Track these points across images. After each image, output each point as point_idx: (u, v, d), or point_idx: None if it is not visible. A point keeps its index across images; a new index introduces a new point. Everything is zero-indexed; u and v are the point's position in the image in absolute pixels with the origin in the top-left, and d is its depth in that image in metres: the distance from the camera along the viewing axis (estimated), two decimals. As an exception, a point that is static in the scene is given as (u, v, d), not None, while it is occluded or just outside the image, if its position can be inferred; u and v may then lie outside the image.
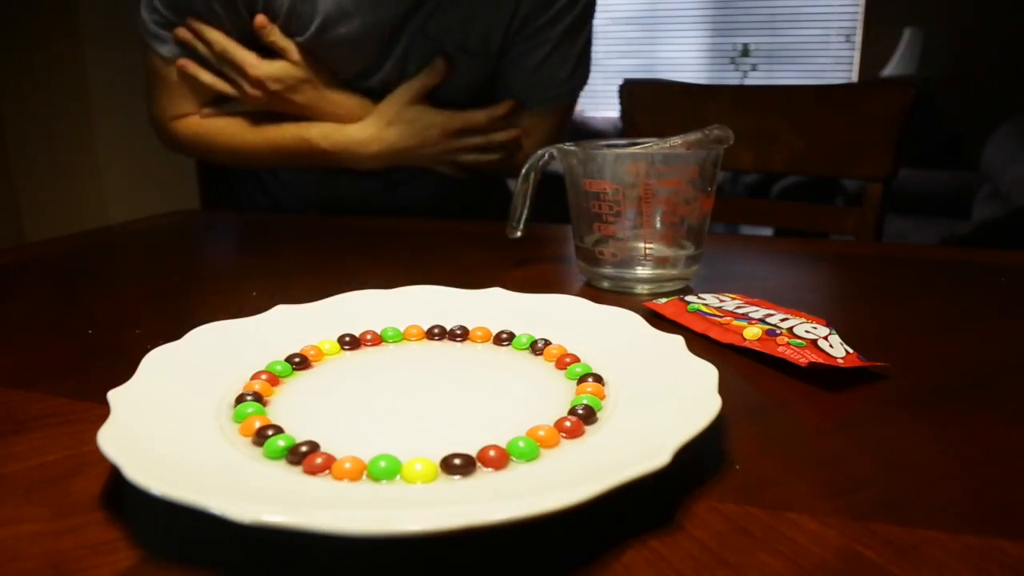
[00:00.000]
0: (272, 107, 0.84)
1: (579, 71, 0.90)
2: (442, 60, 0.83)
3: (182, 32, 0.81)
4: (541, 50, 0.86)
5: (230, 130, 0.87)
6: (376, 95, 0.85)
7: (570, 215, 0.57)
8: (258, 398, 0.33)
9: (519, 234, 0.60)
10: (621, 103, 1.17)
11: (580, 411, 0.32)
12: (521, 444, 0.29)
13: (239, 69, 0.81)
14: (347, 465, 0.27)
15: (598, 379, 0.35)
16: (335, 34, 0.79)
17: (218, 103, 0.87)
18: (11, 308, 0.54)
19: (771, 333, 0.41)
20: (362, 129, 0.84)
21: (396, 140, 0.84)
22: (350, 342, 0.41)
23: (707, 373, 0.32)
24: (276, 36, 0.80)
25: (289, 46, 0.80)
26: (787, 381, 0.38)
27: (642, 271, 0.54)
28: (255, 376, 0.36)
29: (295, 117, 0.85)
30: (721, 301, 0.48)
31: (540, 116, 0.90)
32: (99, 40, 2.20)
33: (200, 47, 0.82)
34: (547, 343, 0.40)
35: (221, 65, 0.82)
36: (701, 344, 0.43)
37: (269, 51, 0.81)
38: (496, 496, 0.25)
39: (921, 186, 2.72)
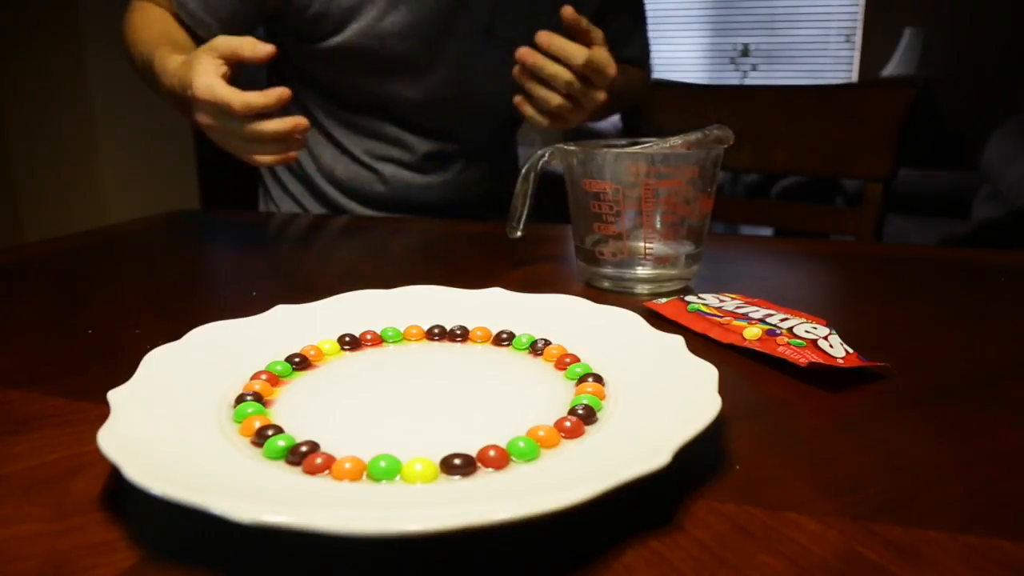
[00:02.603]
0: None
1: (646, 46, 0.98)
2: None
3: None
4: (618, 21, 0.91)
5: (138, 22, 0.80)
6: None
7: (570, 215, 0.57)
8: (258, 398, 0.33)
9: (519, 234, 0.60)
10: (621, 103, 1.17)
11: (580, 411, 0.32)
12: (521, 444, 0.29)
13: None
14: (347, 465, 0.27)
15: (598, 379, 0.35)
16: (385, 25, 0.80)
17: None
18: (11, 308, 0.54)
19: (771, 333, 0.41)
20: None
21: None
22: (350, 342, 0.41)
23: (707, 373, 0.32)
24: None
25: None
26: (787, 381, 0.38)
27: (642, 271, 0.54)
28: (255, 376, 0.36)
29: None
30: (721, 301, 0.48)
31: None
32: (99, 40, 2.20)
33: None
34: (547, 343, 0.40)
35: None
36: (701, 344, 0.43)
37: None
38: (496, 496, 0.25)
39: (921, 186, 2.72)
